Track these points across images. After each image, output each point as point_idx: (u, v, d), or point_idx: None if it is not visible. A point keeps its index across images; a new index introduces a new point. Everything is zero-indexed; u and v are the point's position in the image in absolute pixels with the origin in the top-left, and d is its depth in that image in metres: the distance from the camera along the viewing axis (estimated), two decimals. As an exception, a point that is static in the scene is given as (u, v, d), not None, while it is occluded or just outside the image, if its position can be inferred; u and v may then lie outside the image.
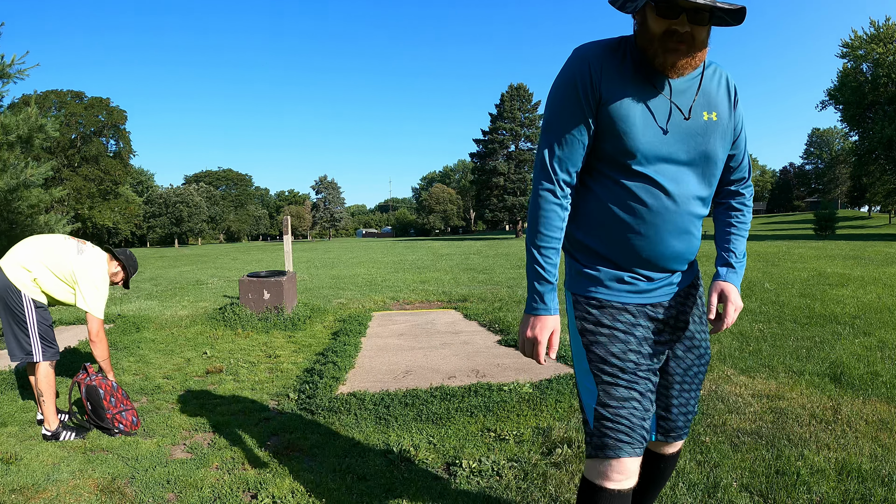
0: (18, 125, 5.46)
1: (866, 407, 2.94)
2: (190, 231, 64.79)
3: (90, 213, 40.06)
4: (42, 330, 2.90)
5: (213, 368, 4.22)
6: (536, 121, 44.51)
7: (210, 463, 2.55)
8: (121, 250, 3.33)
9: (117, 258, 3.24)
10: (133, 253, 3.40)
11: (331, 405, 3.16)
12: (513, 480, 2.27)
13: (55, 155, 34.64)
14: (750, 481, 2.17)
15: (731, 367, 3.78)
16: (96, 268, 3.02)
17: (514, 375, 3.73)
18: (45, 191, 5.89)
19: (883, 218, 54.76)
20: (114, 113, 41.92)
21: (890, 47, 29.03)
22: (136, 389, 3.74)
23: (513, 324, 5.41)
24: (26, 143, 5.66)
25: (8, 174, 5.30)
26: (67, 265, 2.94)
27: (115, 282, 3.29)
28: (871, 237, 23.44)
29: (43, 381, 2.89)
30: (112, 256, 3.24)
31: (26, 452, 2.69)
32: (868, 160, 31.56)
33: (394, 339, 5.12)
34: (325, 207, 72.02)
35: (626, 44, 1.25)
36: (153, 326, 6.01)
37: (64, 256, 2.95)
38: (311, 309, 6.65)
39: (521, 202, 42.89)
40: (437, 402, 3.15)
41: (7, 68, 5.61)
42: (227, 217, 77.08)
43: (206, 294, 8.98)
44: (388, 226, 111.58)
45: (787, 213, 75.36)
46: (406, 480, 2.30)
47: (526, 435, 2.73)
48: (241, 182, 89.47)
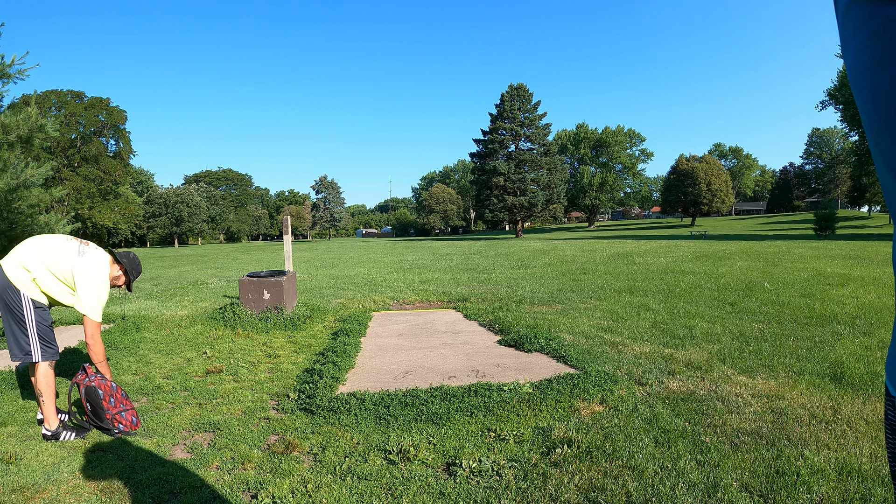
0: (18, 125, 5.46)
1: (866, 407, 2.94)
2: (190, 231, 64.78)
3: (90, 213, 40.03)
4: (41, 330, 2.90)
5: (213, 368, 4.22)
6: (536, 120, 44.49)
7: (210, 463, 2.55)
8: (123, 253, 3.31)
9: (119, 262, 3.22)
10: (136, 255, 3.38)
11: (331, 405, 3.16)
12: (513, 480, 2.27)
13: (55, 155, 34.61)
14: (750, 481, 2.17)
15: (731, 367, 3.78)
16: (96, 270, 3.01)
17: (514, 375, 3.72)
18: (45, 191, 5.89)
19: (883, 218, 54.74)
20: (114, 113, 41.90)
21: (890, 47, 29.00)
22: (135, 389, 3.74)
23: (513, 324, 5.41)
24: (26, 143, 5.66)
25: (8, 174, 5.30)
26: (67, 266, 2.94)
27: (118, 285, 3.28)
28: (871, 237, 23.43)
29: (42, 381, 2.89)
30: (114, 259, 3.23)
31: (26, 452, 2.69)
32: (868, 160, 31.58)
33: (394, 339, 5.11)
34: (325, 207, 72.01)
35: None
36: (153, 326, 6.00)
37: (64, 257, 2.95)
38: (311, 309, 6.65)
39: (521, 202, 42.88)
40: (437, 402, 3.15)
41: (7, 68, 5.61)
42: (227, 217, 77.06)
43: (206, 294, 8.98)
44: (388, 226, 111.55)
45: (787, 212, 75.35)
46: (406, 480, 2.30)
47: (526, 435, 2.73)
48: (241, 182, 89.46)
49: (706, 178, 58.03)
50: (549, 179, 44.41)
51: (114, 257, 3.23)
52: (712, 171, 58.82)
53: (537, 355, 4.30)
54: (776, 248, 15.05)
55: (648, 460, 2.37)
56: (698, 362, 3.91)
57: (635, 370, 3.75)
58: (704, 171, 58.33)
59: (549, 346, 4.37)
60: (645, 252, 15.22)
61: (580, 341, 4.70)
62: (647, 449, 2.49)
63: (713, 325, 5.24)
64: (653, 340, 4.69)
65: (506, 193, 43.36)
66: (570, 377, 3.47)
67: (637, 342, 4.64)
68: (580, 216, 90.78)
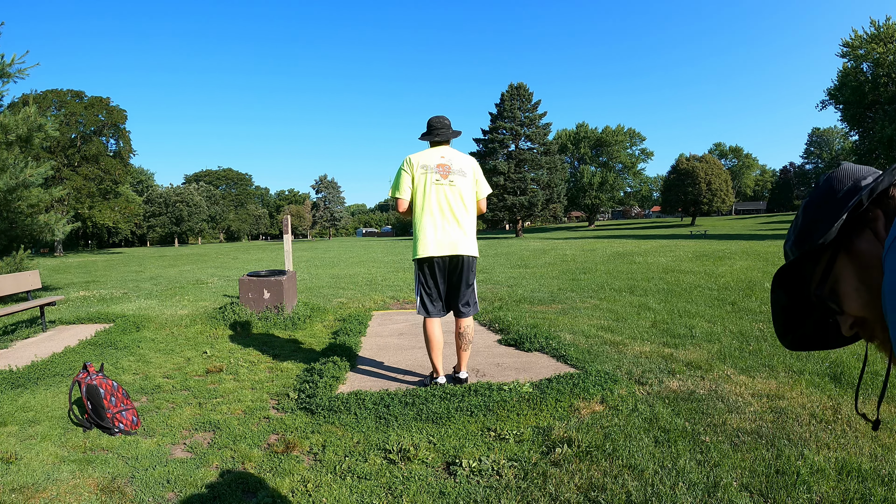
0: (18, 125, 5.46)
1: (866, 406, 2.94)
2: (190, 230, 64.78)
3: (90, 212, 40.01)
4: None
5: (213, 368, 4.22)
6: (536, 120, 44.47)
7: (210, 462, 2.55)
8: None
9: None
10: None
11: (331, 404, 3.16)
12: (513, 480, 2.27)
13: (55, 154, 34.56)
14: (750, 481, 2.17)
15: (731, 367, 3.78)
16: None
17: (514, 375, 3.72)
18: (45, 190, 5.89)
19: (883, 217, 54.65)
20: (114, 112, 41.84)
21: (890, 47, 29.00)
22: (136, 389, 3.74)
23: (512, 323, 5.41)
24: (26, 143, 5.66)
25: (7, 174, 5.31)
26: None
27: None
28: (871, 237, 23.39)
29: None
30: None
31: (26, 452, 2.69)
32: (868, 160, 31.53)
33: (394, 339, 5.11)
34: (326, 207, 71.98)
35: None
36: (153, 326, 6.00)
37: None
38: (311, 308, 6.65)
39: (521, 201, 42.87)
40: (437, 401, 3.15)
41: (7, 68, 5.61)
42: (227, 216, 77.05)
43: (206, 293, 8.97)
44: (388, 225, 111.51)
45: (788, 212, 75.32)
46: (406, 480, 2.30)
47: (526, 434, 2.73)
48: (241, 181, 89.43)
49: (706, 177, 58.01)
50: (549, 179, 44.40)
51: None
52: (712, 170, 58.79)
53: (537, 355, 4.30)
54: (776, 247, 15.05)
55: (648, 460, 2.37)
56: (698, 362, 3.91)
57: (635, 370, 3.75)
58: (704, 170, 58.31)
59: (549, 346, 4.37)
60: (645, 251, 15.22)
61: (580, 341, 4.70)
62: (647, 448, 2.49)
63: (713, 324, 5.24)
64: (653, 340, 4.69)
65: (506, 193, 43.34)
66: (570, 377, 3.47)
67: (637, 342, 4.64)
68: (580, 216, 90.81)
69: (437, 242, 3.34)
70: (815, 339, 0.71)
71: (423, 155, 3.45)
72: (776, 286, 0.66)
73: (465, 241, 3.40)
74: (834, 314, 0.64)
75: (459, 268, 3.41)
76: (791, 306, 0.68)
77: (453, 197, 3.39)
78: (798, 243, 0.65)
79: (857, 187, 0.61)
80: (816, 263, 0.63)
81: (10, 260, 8.19)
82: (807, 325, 0.69)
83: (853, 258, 0.59)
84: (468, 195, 3.45)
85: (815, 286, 0.64)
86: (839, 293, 0.61)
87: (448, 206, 3.37)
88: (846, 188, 0.62)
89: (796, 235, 0.66)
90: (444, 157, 3.44)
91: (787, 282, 0.66)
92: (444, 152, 3.47)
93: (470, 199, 3.47)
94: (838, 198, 0.62)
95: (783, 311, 0.69)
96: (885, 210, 0.58)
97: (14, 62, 5.72)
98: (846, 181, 0.63)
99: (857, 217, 0.59)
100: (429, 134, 3.55)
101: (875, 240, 0.57)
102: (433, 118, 3.57)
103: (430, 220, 3.36)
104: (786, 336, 0.71)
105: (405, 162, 3.45)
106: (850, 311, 0.61)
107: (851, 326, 0.62)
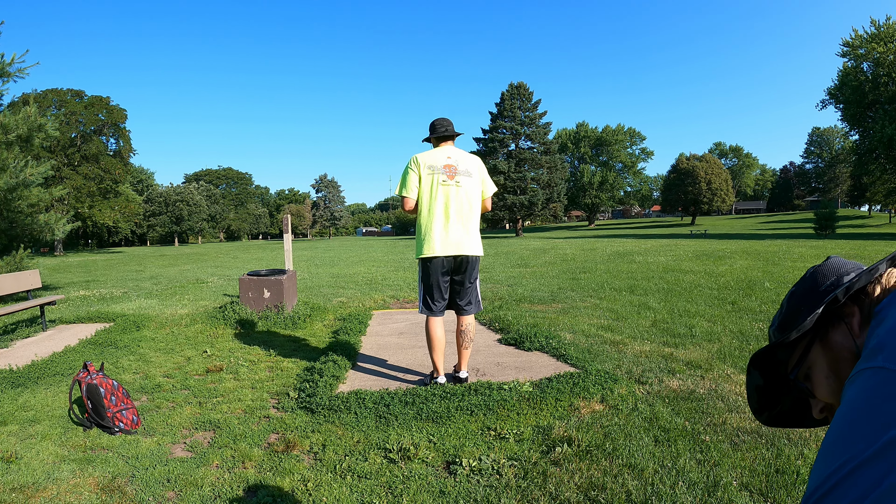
0: (18, 124, 5.46)
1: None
2: (190, 230, 64.76)
3: (90, 211, 39.96)
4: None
5: (214, 367, 4.22)
6: (537, 119, 44.46)
7: (210, 461, 2.55)
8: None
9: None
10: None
11: (331, 404, 3.16)
12: (513, 479, 2.28)
13: (55, 154, 34.55)
14: (750, 480, 2.17)
15: (730, 367, 3.78)
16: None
17: (514, 374, 3.73)
18: (45, 189, 5.90)
19: (883, 217, 54.73)
20: (114, 111, 41.80)
21: (890, 46, 28.98)
22: (136, 388, 3.74)
23: (512, 322, 5.41)
24: (26, 143, 5.66)
25: (7, 173, 5.31)
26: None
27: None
28: (871, 236, 23.43)
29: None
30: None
31: (27, 451, 2.69)
32: (868, 159, 31.54)
33: (394, 338, 5.11)
34: (326, 206, 72.00)
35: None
36: (153, 325, 6.00)
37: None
38: (312, 307, 6.65)
39: (521, 201, 42.87)
40: (437, 400, 3.15)
41: (7, 67, 5.60)
42: (227, 216, 77.03)
43: (206, 293, 8.97)
44: (388, 224, 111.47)
45: (788, 211, 75.36)
46: (406, 479, 2.30)
47: (526, 433, 2.73)
48: (242, 181, 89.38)
49: (706, 176, 58.01)
50: (550, 178, 44.39)
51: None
52: (712, 169, 58.80)
53: (537, 354, 4.30)
54: (776, 247, 15.05)
55: (648, 459, 2.37)
56: (698, 361, 3.92)
57: (635, 369, 3.75)
58: (705, 169, 58.31)
59: (549, 345, 4.37)
60: (645, 251, 15.22)
61: (580, 340, 4.70)
62: (647, 448, 2.49)
63: (713, 323, 5.24)
64: (653, 339, 4.69)
65: (506, 192, 43.35)
66: (571, 376, 3.47)
67: (637, 341, 4.64)
68: (580, 215, 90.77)
69: (442, 242, 3.36)
70: (793, 417, 0.75)
71: (430, 155, 3.46)
72: (752, 367, 0.70)
73: (470, 241, 3.42)
74: (808, 397, 0.68)
75: (464, 267, 3.43)
76: (766, 387, 0.72)
77: (459, 198, 3.41)
78: (781, 329, 0.71)
79: (838, 283, 0.66)
80: (793, 349, 0.68)
81: (10, 259, 8.20)
82: (784, 402, 0.73)
83: (826, 349, 0.64)
84: (474, 196, 3.48)
85: (790, 370, 0.68)
86: (812, 379, 0.66)
87: (454, 206, 3.39)
88: (828, 283, 0.67)
89: (779, 322, 0.71)
90: (451, 158, 3.45)
91: (763, 364, 0.70)
92: (451, 153, 3.48)
93: (475, 200, 3.49)
94: (819, 290, 0.67)
95: (757, 391, 0.73)
96: (860, 306, 0.62)
97: (14, 61, 5.72)
98: (830, 276, 0.68)
99: (834, 311, 0.63)
100: (433, 132, 3.56)
101: (849, 334, 0.62)
102: (436, 119, 3.59)
103: (437, 220, 3.38)
104: (762, 413, 0.75)
105: (412, 161, 3.46)
106: (821, 396, 0.65)
107: (821, 411, 0.66)
